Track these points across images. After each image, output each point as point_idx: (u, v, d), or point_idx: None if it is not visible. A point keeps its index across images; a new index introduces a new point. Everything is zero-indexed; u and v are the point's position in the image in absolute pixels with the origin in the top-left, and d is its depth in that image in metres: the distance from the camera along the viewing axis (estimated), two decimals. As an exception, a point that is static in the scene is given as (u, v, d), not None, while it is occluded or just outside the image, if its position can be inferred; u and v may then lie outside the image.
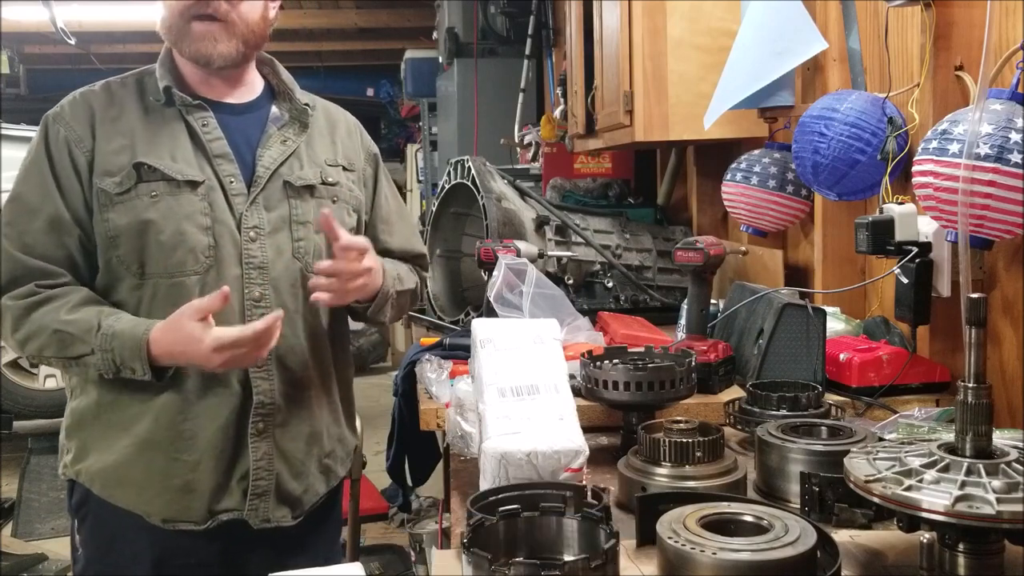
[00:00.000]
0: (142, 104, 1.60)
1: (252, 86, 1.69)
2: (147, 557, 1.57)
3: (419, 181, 7.90)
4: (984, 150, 1.42)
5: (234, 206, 1.56)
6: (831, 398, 1.66)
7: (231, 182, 1.57)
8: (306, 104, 1.70)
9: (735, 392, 1.76)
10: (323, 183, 1.66)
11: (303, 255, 1.62)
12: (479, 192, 2.50)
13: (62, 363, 1.53)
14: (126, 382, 1.53)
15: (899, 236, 1.73)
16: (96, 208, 1.53)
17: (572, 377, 1.46)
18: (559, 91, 4.02)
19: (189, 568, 1.59)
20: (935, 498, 0.94)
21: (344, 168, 1.72)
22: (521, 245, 2.18)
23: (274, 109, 1.69)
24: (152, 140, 1.56)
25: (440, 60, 5.92)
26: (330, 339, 1.70)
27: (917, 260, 1.70)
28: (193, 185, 1.54)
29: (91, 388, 1.59)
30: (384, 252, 1.79)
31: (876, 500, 0.99)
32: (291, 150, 1.64)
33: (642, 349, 1.61)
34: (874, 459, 1.05)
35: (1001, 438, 1.03)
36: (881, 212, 1.77)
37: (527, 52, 4.93)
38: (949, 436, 1.05)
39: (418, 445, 2.24)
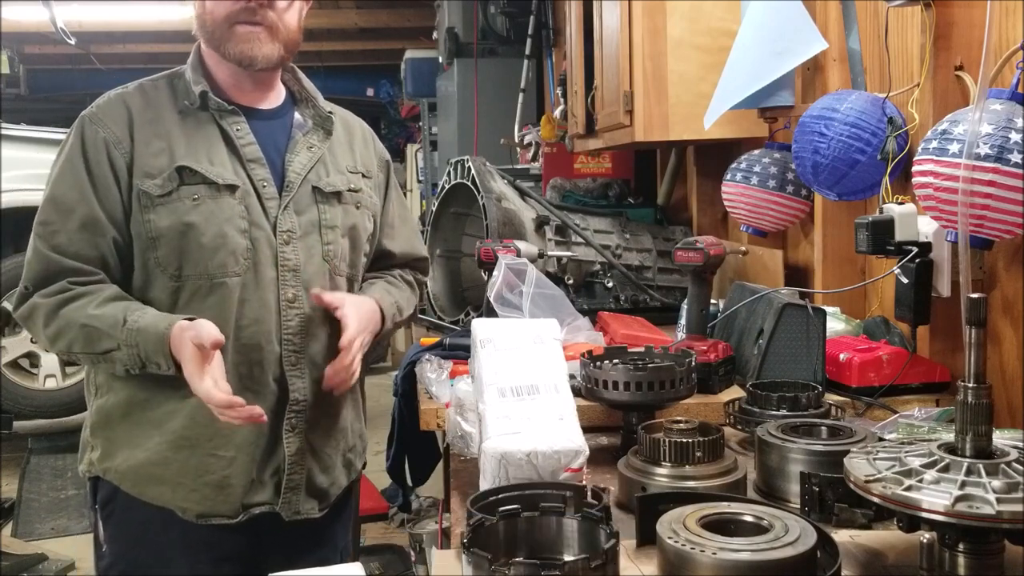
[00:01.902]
0: (176, 107, 1.62)
1: (278, 92, 1.72)
2: (177, 551, 1.59)
3: (419, 181, 7.90)
4: (984, 150, 1.42)
5: (268, 210, 1.60)
6: (831, 398, 1.66)
7: (264, 186, 1.61)
8: (329, 112, 1.74)
9: (735, 392, 1.76)
10: (349, 190, 1.71)
11: (332, 258, 1.67)
12: (479, 192, 2.50)
13: (90, 359, 1.55)
14: (158, 379, 1.55)
15: (899, 236, 1.73)
16: (137, 209, 1.55)
17: (572, 377, 1.46)
18: (559, 91, 4.02)
19: (217, 562, 1.61)
20: (935, 498, 0.94)
21: (363, 175, 1.77)
22: (521, 245, 2.18)
23: (297, 115, 1.73)
24: (189, 144, 1.58)
25: (440, 60, 5.92)
26: None
27: (917, 260, 1.70)
28: (232, 189, 1.57)
29: (119, 386, 1.60)
30: (386, 255, 1.84)
31: (876, 500, 0.99)
32: (317, 156, 1.68)
33: (642, 349, 1.61)
34: (874, 459, 1.05)
35: (1001, 438, 1.03)
36: (881, 212, 1.77)
37: (527, 52, 4.93)
38: (949, 436, 1.05)
39: (418, 445, 2.24)
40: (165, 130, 1.58)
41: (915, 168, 1.55)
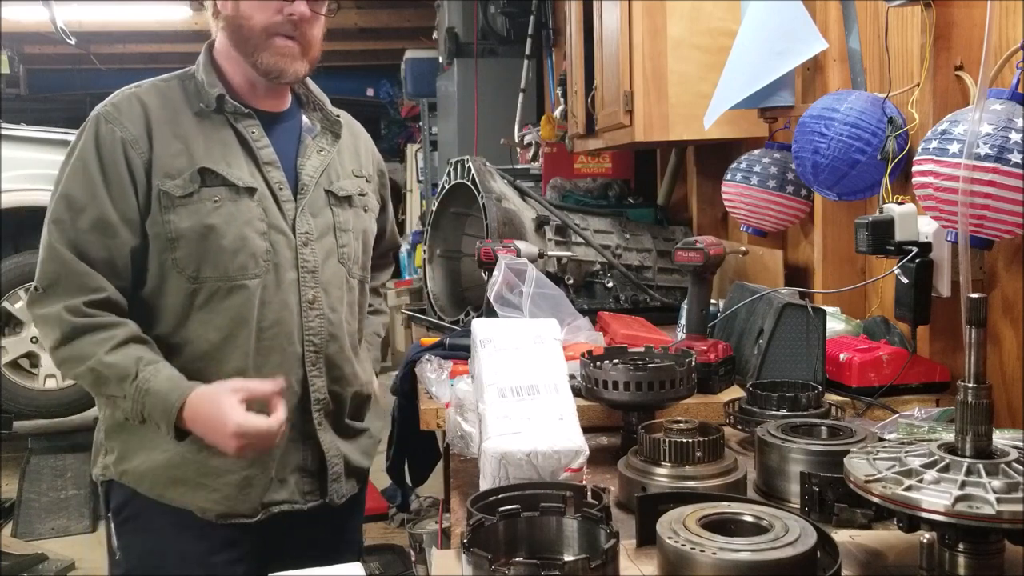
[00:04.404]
0: (191, 108, 1.62)
1: (287, 96, 1.74)
2: (194, 553, 1.60)
3: (419, 181, 7.91)
4: (984, 150, 1.42)
5: (285, 212, 1.63)
6: (831, 398, 1.66)
7: (280, 189, 1.63)
8: (337, 116, 1.76)
9: (735, 392, 1.76)
10: (360, 194, 1.75)
11: (346, 260, 1.70)
12: (479, 192, 2.50)
13: (93, 392, 1.57)
14: None
15: (899, 236, 1.73)
16: (156, 209, 1.55)
17: (572, 377, 1.46)
18: (559, 91, 4.02)
19: (234, 562, 1.62)
20: (935, 498, 0.94)
21: (366, 180, 1.81)
22: (521, 245, 2.18)
23: (305, 119, 1.74)
24: (207, 146, 1.59)
25: (440, 60, 5.92)
26: (362, 337, 1.81)
27: (917, 260, 1.70)
28: (251, 192, 1.59)
29: None
30: (380, 252, 1.94)
31: (876, 500, 0.99)
32: (327, 160, 1.71)
33: (642, 349, 1.61)
34: (874, 459, 1.05)
35: (1001, 438, 1.03)
36: (881, 212, 1.77)
37: (527, 52, 4.93)
38: (949, 436, 1.05)
39: (418, 445, 2.24)
40: (183, 131, 1.59)
41: (915, 168, 1.55)
